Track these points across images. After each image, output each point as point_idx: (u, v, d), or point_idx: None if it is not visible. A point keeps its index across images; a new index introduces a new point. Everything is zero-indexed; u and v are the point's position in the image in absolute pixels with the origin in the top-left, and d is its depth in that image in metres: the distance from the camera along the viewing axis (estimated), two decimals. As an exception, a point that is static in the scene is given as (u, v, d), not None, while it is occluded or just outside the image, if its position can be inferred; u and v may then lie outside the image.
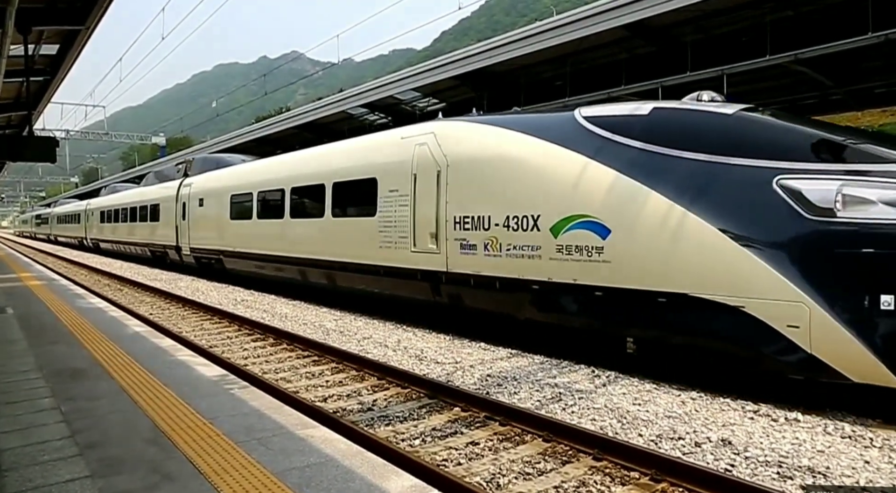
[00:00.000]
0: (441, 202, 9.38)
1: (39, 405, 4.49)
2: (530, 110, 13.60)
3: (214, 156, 23.21)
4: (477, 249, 8.78)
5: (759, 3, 14.23)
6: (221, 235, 17.67)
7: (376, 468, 3.37)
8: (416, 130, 10.40)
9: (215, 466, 3.38)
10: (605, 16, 15.65)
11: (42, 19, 9.24)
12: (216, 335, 10.35)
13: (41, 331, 7.58)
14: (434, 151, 9.64)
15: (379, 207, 10.75)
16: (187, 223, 20.28)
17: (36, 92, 13.62)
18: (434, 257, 9.52)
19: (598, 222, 7.22)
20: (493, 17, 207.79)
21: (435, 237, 9.49)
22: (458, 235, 9.08)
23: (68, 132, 41.94)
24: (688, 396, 6.39)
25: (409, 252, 10.02)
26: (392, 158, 10.64)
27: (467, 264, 8.96)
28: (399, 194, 10.28)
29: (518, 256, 8.16)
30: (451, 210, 9.21)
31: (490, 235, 8.57)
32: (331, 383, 7.32)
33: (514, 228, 8.20)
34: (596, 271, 7.23)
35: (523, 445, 5.19)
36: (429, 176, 9.63)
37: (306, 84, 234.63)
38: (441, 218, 9.37)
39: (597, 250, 7.20)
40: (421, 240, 9.79)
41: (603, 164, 7.31)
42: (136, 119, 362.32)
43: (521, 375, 7.31)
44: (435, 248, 9.49)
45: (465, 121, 9.84)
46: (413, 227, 9.93)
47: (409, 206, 10.02)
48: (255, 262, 15.78)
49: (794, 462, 4.69)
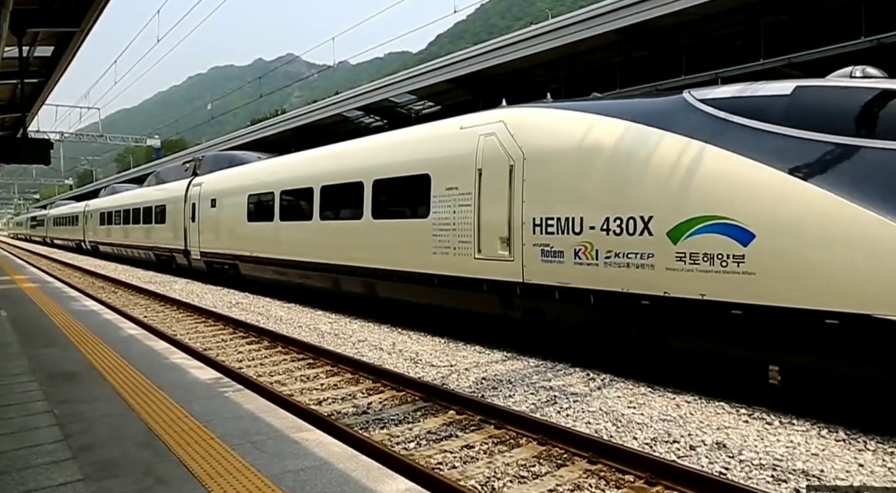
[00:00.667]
0: (515, 202, 8.16)
1: (32, 408, 4.47)
2: (610, 97, 12.00)
3: (227, 153, 21.85)
4: (564, 256, 7.53)
5: (754, 6, 14.31)
6: (237, 239, 16.38)
7: (371, 472, 3.36)
8: (480, 119, 9.16)
9: (209, 469, 3.37)
10: (600, 19, 15.72)
11: (37, 21, 9.20)
12: (211, 338, 10.32)
13: (34, 334, 7.54)
14: (505, 142, 8.41)
15: (432, 208, 9.50)
16: (197, 225, 18.91)
17: (30, 94, 13.56)
18: (505, 266, 8.30)
19: (736, 225, 5.96)
20: (488, 20, 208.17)
21: (507, 242, 8.26)
22: (538, 239, 7.85)
23: (63, 134, 41.81)
24: (682, 399, 6.39)
25: (473, 259, 8.78)
26: (449, 151, 9.44)
27: (551, 274, 7.71)
28: (459, 193, 9.05)
29: (621, 265, 6.91)
30: (528, 211, 7.99)
31: (582, 241, 7.32)
32: (326, 386, 7.30)
33: (617, 233, 6.95)
34: (733, 285, 5.98)
35: (518, 448, 5.19)
36: (498, 171, 8.43)
37: (302, 86, 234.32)
38: (515, 220, 8.14)
39: (735, 258, 5.94)
40: (488, 245, 8.57)
41: (738, 154, 6.13)
42: (130, 121, 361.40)
43: (516, 378, 7.30)
44: (507, 255, 8.26)
45: (543, 107, 8.63)
46: (477, 230, 8.72)
47: (471, 206, 8.82)
48: (277, 268, 14.46)
49: (788, 466, 4.69)
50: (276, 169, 15.29)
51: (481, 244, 8.68)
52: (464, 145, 9.08)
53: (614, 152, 7.20)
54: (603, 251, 7.11)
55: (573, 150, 7.63)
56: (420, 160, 10.01)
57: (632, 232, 6.82)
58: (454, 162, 9.23)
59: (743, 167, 6.05)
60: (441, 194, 9.37)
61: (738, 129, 6.32)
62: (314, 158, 13.87)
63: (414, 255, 9.87)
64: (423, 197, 9.64)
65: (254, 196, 15.52)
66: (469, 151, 8.94)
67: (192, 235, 19.38)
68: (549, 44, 17.02)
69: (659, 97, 7.71)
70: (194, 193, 19.36)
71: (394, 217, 10.66)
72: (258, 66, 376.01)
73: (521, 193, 8.11)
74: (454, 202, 9.14)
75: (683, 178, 6.48)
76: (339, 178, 12.05)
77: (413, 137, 10.91)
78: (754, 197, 5.95)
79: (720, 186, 6.20)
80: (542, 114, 8.45)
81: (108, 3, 8.66)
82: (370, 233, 11.03)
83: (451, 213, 9.18)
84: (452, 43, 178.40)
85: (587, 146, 7.49)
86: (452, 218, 9.15)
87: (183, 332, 10.83)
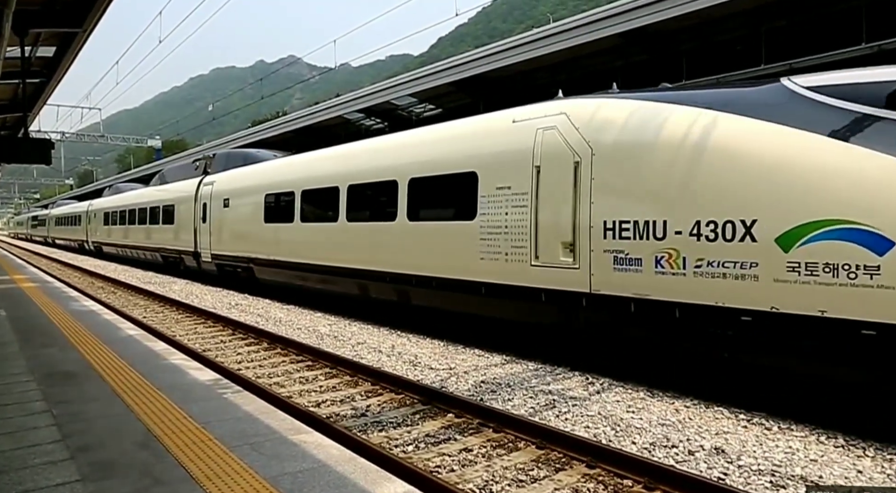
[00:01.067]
0: (581, 202, 7.39)
1: (31, 408, 4.46)
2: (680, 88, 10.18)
3: (241, 150, 20.80)
4: (642, 264, 6.73)
5: (755, 12, 14.33)
6: (252, 241, 15.52)
7: (369, 474, 3.36)
8: (536, 112, 8.34)
9: (207, 471, 3.36)
10: (601, 24, 15.75)
11: (39, 21, 9.22)
12: (210, 339, 10.31)
13: (33, 333, 7.53)
14: (569, 136, 7.63)
15: (480, 209, 8.74)
16: (208, 226, 18.06)
17: (32, 94, 13.59)
18: (568, 274, 7.50)
19: (869, 231, 5.18)
20: (489, 23, 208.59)
21: (571, 248, 7.48)
22: (609, 245, 7.06)
23: (64, 134, 41.80)
24: (681, 404, 6.39)
25: (529, 266, 8.00)
26: (500, 146, 8.65)
27: (625, 285, 6.92)
28: (512, 193, 8.29)
29: (716, 275, 6.10)
30: (598, 213, 7.21)
31: (666, 247, 6.52)
32: (324, 388, 7.29)
33: (710, 238, 6.15)
34: (865, 301, 5.21)
35: (517, 452, 5.18)
36: (560, 169, 7.65)
37: (303, 88, 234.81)
38: (581, 223, 7.36)
39: (868, 270, 5.17)
40: (547, 251, 7.79)
41: (868, 149, 5.36)
42: (132, 122, 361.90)
43: (515, 381, 7.30)
44: (570, 261, 7.48)
45: (613, 98, 7.72)
46: (534, 234, 7.94)
47: (527, 207, 8.05)
48: (297, 272, 13.56)
49: (787, 471, 4.69)
50: (297, 167, 14.37)
51: (539, 250, 7.90)
52: (517, 140, 8.33)
53: (705, 148, 6.36)
54: (692, 259, 6.30)
55: (655, 145, 6.80)
56: (465, 157, 9.21)
57: (729, 238, 6.02)
58: (506, 159, 8.47)
59: (878, 165, 5.26)
60: (490, 194, 8.63)
61: (865, 120, 5.54)
62: (340, 156, 13.00)
63: (457, 260, 9.11)
64: (469, 197, 8.91)
65: (271, 196, 14.72)
66: (524, 146, 8.18)
67: (202, 236, 18.59)
68: (550, 47, 17.05)
69: (747, 86, 7.00)
70: (205, 192, 18.58)
71: (433, 219, 9.85)
72: (259, 68, 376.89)
73: (589, 193, 7.31)
74: (506, 203, 8.38)
75: (795, 177, 5.69)
76: (369, 176, 11.28)
77: (456, 132, 9.98)
78: (894, 199, 5.15)
79: (847, 186, 5.39)
80: (615, 105, 7.48)
81: (111, 4, 8.69)
82: (405, 236, 10.27)
83: (502, 215, 8.43)
84: (454, 46, 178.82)
85: (672, 141, 6.66)
86: (504, 220, 8.39)
87: (182, 333, 10.83)
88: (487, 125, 9.36)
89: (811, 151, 5.66)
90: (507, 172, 8.41)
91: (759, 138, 6.03)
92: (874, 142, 5.39)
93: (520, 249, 8.15)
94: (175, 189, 21.70)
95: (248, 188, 16.16)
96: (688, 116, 6.65)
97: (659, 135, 6.79)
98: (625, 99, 7.54)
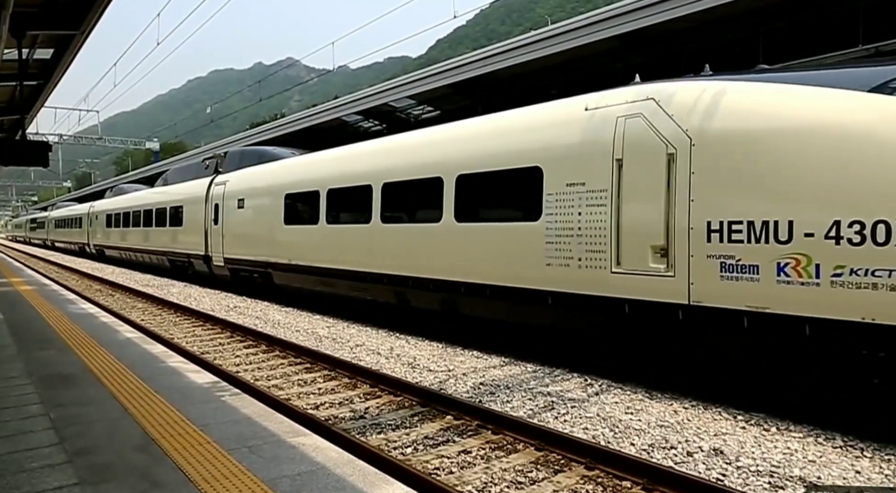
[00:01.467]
0: (676, 200, 6.49)
1: (28, 412, 4.45)
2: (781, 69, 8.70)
3: (257, 148, 19.66)
4: (759, 272, 5.83)
5: (753, 14, 14.37)
6: (270, 244, 14.53)
7: (368, 477, 3.36)
8: (615, 97, 7.46)
9: (205, 474, 3.36)
10: (600, 25, 15.77)
11: (36, 23, 9.21)
12: (208, 342, 10.30)
13: (31, 336, 7.52)
14: (660, 125, 6.75)
15: (545, 209, 7.85)
16: (220, 228, 17.08)
17: (29, 96, 13.57)
18: (660, 283, 6.62)
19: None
20: (488, 25, 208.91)
21: (663, 253, 6.61)
22: (715, 249, 6.15)
23: (61, 137, 41.80)
24: (680, 405, 6.39)
25: (608, 273, 7.11)
26: (570, 138, 7.75)
27: (736, 296, 6.02)
28: (586, 190, 7.42)
29: (862, 285, 5.23)
30: (699, 212, 6.30)
31: (792, 252, 5.63)
32: (323, 390, 7.29)
33: (854, 242, 5.26)
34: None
35: (515, 453, 5.18)
36: (649, 162, 6.78)
37: (301, 91, 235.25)
38: (678, 224, 6.47)
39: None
40: (632, 256, 6.90)
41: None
42: (130, 124, 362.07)
43: (513, 383, 7.30)
44: (663, 268, 6.60)
45: (713, 80, 6.77)
46: (616, 237, 7.06)
47: (606, 206, 7.17)
48: (322, 278, 12.61)
49: (785, 472, 4.69)
50: (322, 165, 13.37)
51: (622, 255, 7.02)
52: (594, 130, 7.44)
53: (847, 134, 5.48)
54: (828, 267, 5.41)
55: (775, 133, 5.90)
56: (526, 150, 8.27)
57: (882, 241, 5.14)
58: (578, 151, 7.59)
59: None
60: (558, 192, 7.74)
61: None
62: (373, 152, 11.98)
63: (517, 267, 8.24)
64: (531, 195, 8.03)
65: (293, 196, 13.74)
66: (601, 137, 7.31)
67: (214, 239, 17.57)
68: (548, 49, 17.07)
69: (882, 65, 6.10)
70: (217, 192, 17.59)
71: (486, 220, 8.93)
72: (258, 70, 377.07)
73: (687, 189, 6.41)
74: (579, 201, 7.49)
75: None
76: (408, 174, 10.32)
77: (513, 122, 9.01)
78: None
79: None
80: (719, 88, 6.53)
81: (108, 6, 8.67)
82: (451, 239, 9.34)
83: (572, 215, 7.54)
84: (452, 48, 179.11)
85: (805, 127, 5.73)
86: (577, 221, 7.49)
87: (180, 335, 10.82)
88: (553, 115, 8.33)
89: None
90: (580, 167, 7.53)
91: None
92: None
93: (596, 253, 7.27)
94: (183, 189, 20.79)
95: (265, 188, 15.12)
96: (825, 97, 5.76)
97: (787, 120, 5.87)
98: (731, 81, 6.55)
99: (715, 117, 6.35)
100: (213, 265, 17.82)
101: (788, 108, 5.90)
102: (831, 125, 5.57)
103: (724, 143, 6.24)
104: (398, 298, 10.67)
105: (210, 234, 17.81)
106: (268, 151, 17.49)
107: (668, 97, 6.87)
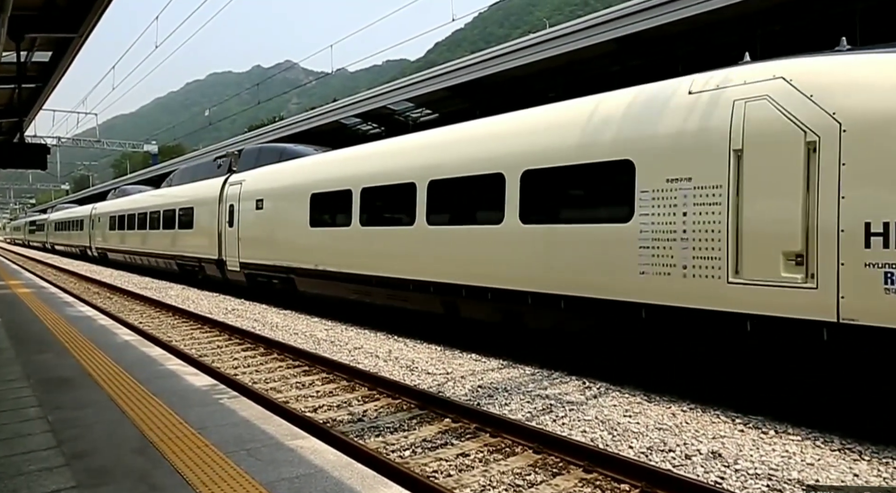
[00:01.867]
0: (820, 197, 5.49)
1: (25, 415, 4.45)
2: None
3: (276, 145, 18.45)
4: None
5: (750, 17, 14.42)
6: (293, 249, 13.59)
7: (366, 480, 3.36)
8: (729, 78, 6.46)
9: (204, 477, 3.35)
10: (597, 29, 15.82)
11: (35, 26, 9.22)
12: (206, 345, 10.29)
13: (29, 339, 7.51)
14: (794, 108, 5.72)
15: (638, 208, 6.88)
16: (236, 231, 16.03)
17: (27, 99, 13.57)
18: (797, 296, 5.61)
19: None
20: (486, 28, 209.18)
21: (800, 259, 5.62)
22: (876, 256, 5.15)
23: (60, 139, 41.77)
24: (678, 408, 6.39)
25: (724, 284, 6.11)
26: (670, 127, 6.77)
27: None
28: (693, 187, 6.42)
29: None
30: (853, 211, 5.30)
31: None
32: (321, 393, 7.28)
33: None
34: None
35: (514, 456, 5.18)
36: (781, 152, 5.77)
37: (300, 93, 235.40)
38: (821, 225, 5.48)
39: None
40: (756, 263, 5.91)
41: None
42: (128, 126, 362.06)
43: (512, 386, 7.30)
44: (800, 278, 5.60)
45: (853, 54, 5.89)
46: (735, 241, 6.06)
47: (720, 205, 6.17)
48: (355, 285, 11.55)
49: (783, 475, 4.70)
50: (355, 162, 12.29)
51: (742, 262, 6.02)
52: (699, 117, 6.52)
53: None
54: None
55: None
56: (614, 142, 7.31)
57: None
58: (681, 142, 6.62)
59: None
60: (655, 189, 6.76)
61: None
62: (415, 147, 10.90)
63: (601, 275, 7.28)
64: (620, 193, 7.09)
65: (320, 196, 12.70)
66: (711, 124, 6.36)
67: (228, 242, 16.52)
68: (547, 53, 17.12)
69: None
70: (232, 192, 16.53)
71: (559, 221, 7.89)
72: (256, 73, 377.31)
73: (836, 184, 5.41)
74: (683, 200, 6.50)
75: None
76: (458, 170, 9.34)
77: (595, 111, 7.84)
78: None
79: None
80: (874, 62, 5.57)
81: (107, 9, 8.69)
82: (515, 243, 8.36)
83: (675, 215, 6.56)
84: (450, 51, 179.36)
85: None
86: (680, 222, 6.51)
87: (178, 338, 10.80)
88: (647, 100, 7.32)
89: None
90: (684, 160, 6.56)
91: None
92: None
93: (708, 260, 6.27)
94: (194, 190, 19.78)
95: (288, 187, 14.06)
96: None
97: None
98: (885, 53, 5.58)
99: (874, 97, 5.36)
100: (227, 270, 16.87)
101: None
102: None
103: (876, 129, 5.28)
104: (446, 308, 9.72)
105: (224, 237, 16.83)
106: (288, 149, 16.40)
107: (804, 75, 5.84)
